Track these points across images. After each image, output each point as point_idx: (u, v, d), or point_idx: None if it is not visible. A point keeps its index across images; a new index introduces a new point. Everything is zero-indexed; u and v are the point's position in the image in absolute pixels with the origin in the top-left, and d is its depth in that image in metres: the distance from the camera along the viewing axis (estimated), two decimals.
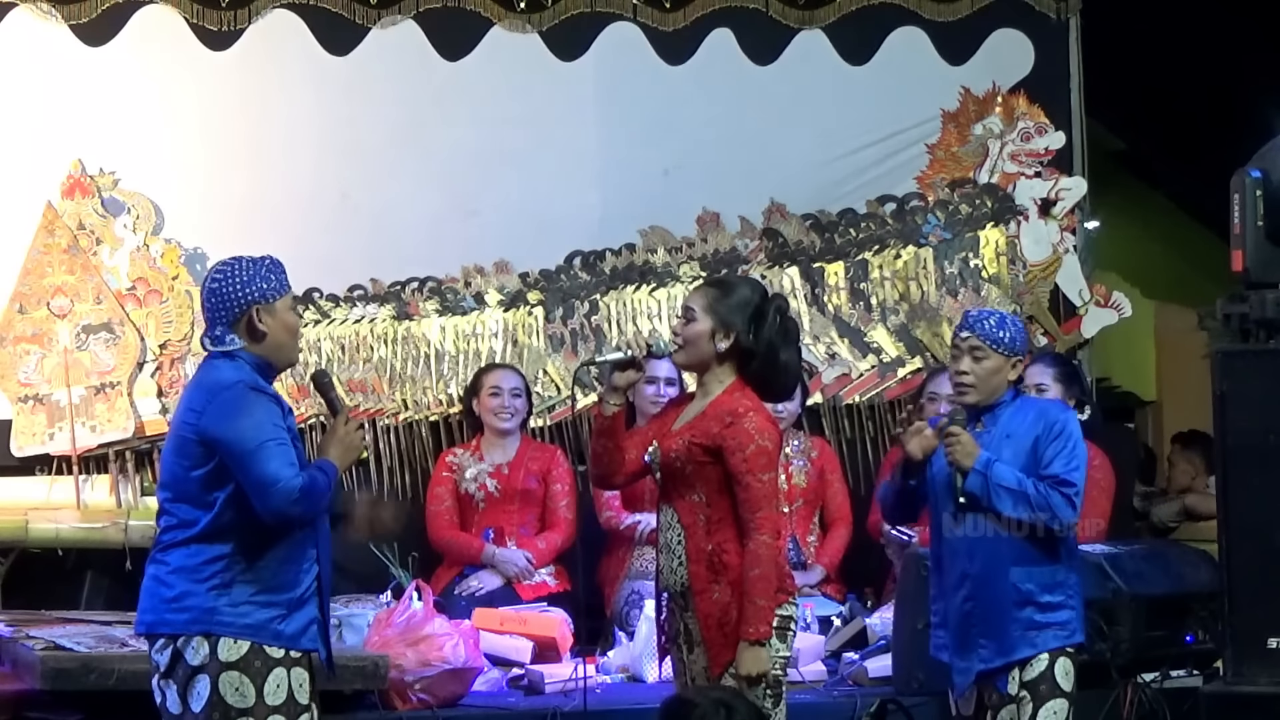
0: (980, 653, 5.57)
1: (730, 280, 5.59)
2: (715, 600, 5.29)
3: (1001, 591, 5.53)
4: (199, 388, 5.04)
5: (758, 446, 5.26)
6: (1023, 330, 5.66)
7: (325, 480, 5.00)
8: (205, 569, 4.93)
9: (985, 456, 5.50)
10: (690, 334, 5.39)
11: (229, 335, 5.03)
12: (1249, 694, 6.10)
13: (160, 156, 8.33)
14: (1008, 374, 5.59)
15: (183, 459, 4.97)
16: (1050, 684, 5.52)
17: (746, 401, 5.34)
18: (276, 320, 5.05)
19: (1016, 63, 8.76)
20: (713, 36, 8.66)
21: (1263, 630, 6.11)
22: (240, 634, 4.91)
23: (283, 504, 4.88)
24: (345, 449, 5.12)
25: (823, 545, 7.98)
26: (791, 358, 5.46)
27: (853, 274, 8.65)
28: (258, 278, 5.05)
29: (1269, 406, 6.18)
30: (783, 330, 5.41)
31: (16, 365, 8.11)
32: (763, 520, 5.25)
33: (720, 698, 4.82)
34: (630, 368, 5.45)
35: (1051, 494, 5.48)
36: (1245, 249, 6.24)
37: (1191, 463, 9.94)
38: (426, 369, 8.42)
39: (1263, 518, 6.15)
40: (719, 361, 5.38)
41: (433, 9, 8.50)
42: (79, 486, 8.06)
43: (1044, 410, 5.65)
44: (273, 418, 4.96)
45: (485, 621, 7.15)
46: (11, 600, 7.74)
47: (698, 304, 5.41)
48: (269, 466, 4.88)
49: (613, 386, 5.43)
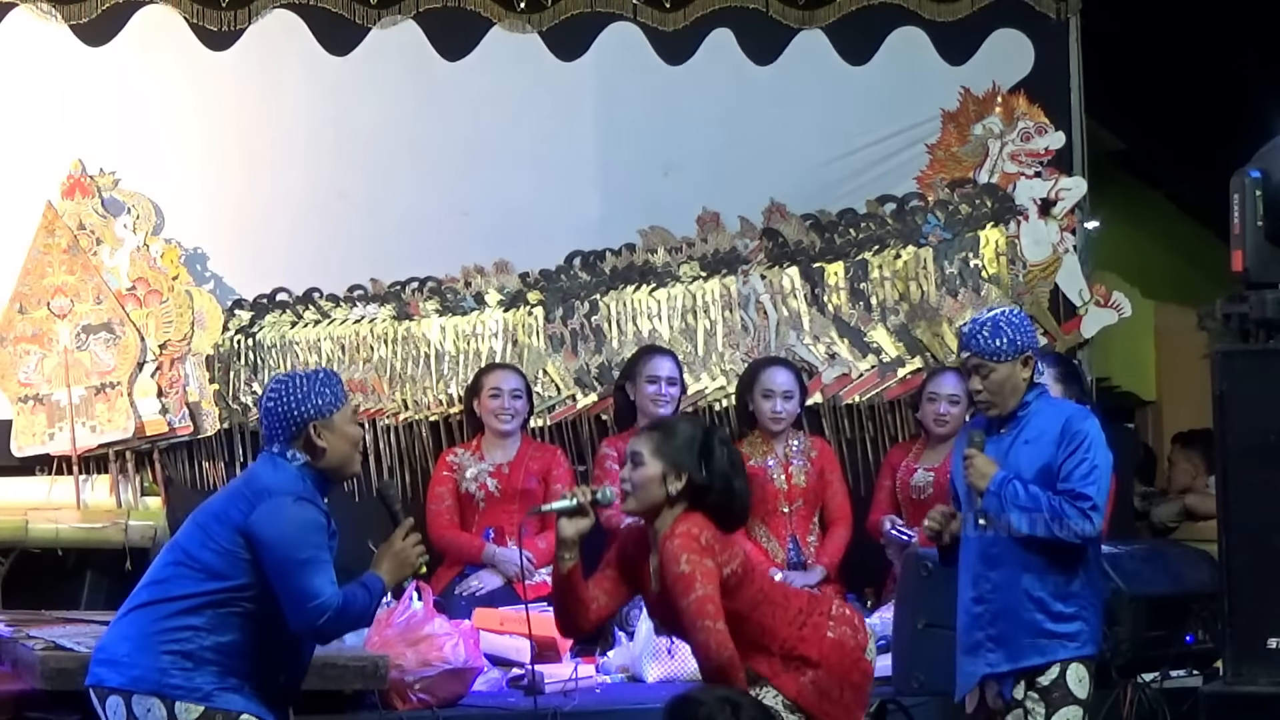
0: (987, 656, 5.56)
1: (669, 422, 5.50)
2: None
3: (1014, 597, 5.53)
4: (252, 480, 4.98)
5: (674, 575, 5.18)
6: (1022, 324, 5.63)
7: (366, 599, 4.96)
8: (167, 634, 4.87)
9: (1000, 476, 5.51)
10: (641, 479, 5.29)
11: (289, 451, 4.97)
12: (1249, 694, 6.09)
13: (160, 156, 8.33)
14: (1020, 374, 5.59)
15: (217, 537, 4.90)
16: (1063, 691, 5.51)
17: (673, 534, 5.24)
18: (336, 435, 4.98)
19: (1016, 63, 8.76)
20: (713, 36, 8.66)
21: (1263, 630, 6.10)
22: (190, 698, 4.85)
23: (316, 620, 4.84)
24: (399, 564, 5.06)
25: (823, 545, 7.98)
26: (743, 485, 5.39)
27: (853, 274, 8.65)
28: (313, 394, 4.96)
29: (1269, 406, 6.17)
30: (731, 460, 5.36)
31: (16, 365, 8.10)
32: (705, 642, 5.15)
33: (726, 695, 4.81)
34: (577, 515, 5.31)
35: (1066, 508, 5.48)
36: (1245, 249, 6.24)
37: (1192, 463, 9.94)
38: (426, 369, 8.42)
39: (1263, 518, 6.14)
40: (670, 505, 5.29)
41: (433, 9, 8.50)
42: (79, 486, 8.06)
43: (1067, 419, 5.61)
44: (320, 532, 4.91)
45: (485, 621, 7.15)
46: (11, 600, 7.73)
47: (645, 448, 5.31)
48: (311, 581, 4.83)
49: (561, 539, 5.31)
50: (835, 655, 5.32)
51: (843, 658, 5.33)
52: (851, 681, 5.35)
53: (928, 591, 6.74)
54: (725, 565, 5.23)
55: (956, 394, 7.89)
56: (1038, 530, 5.48)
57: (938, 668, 6.60)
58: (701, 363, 8.49)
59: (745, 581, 5.29)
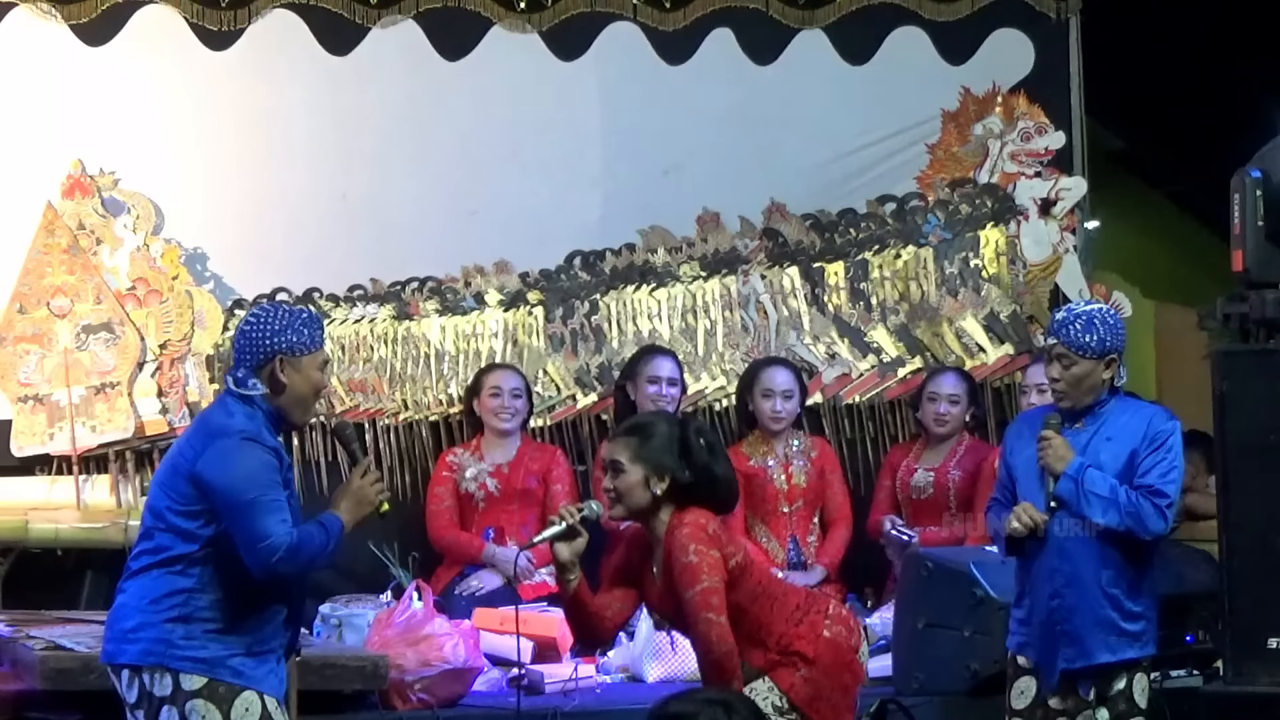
0: (1065, 651, 5.53)
1: (643, 422, 5.48)
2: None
3: (1090, 593, 5.51)
4: (202, 428, 4.99)
5: (681, 565, 5.18)
6: (1116, 326, 5.60)
7: (323, 537, 4.92)
8: (164, 600, 4.87)
9: (1079, 462, 5.49)
10: (624, 486, 5.27)
11: (251, 379, 4.96)
12: (1249, 694, 6.09)
13: (160, 156, 8.33)
14: (1101, 374, 5.57)
15: (172, 493, 4.92)
16: (1129, 703, 5.51)
17: (675, 523, 5.24)
18: (301, 375, 4.97)
19: (1016, 63, 8.76)
20: (713, 36, 8.66)
21: (1263, 630, 6.11)
22: (195, 669, 4.84)
23: (269, 560, 4.81)
24: (357, 502, 5.03)
25: (823, 545, 7.97)
26: (726, 470, 5.39)
27: (853, 274, 8.65)
28: (290, 329, 4.96)
29: (1269, 406, 6.18)
30: (709, 449, 5.34)
31: (16, 365, 8.10)
32: (705, 632, 5.15)
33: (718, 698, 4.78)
34: (569, 538, 5.29)
35: (1143, 503, 5.47)
36: (1245, 249, 6.24)
37: (1192, 463, 9.90)
38: (426, 369, 8.42)
39: (1263, 518, 6.14)
40: (656, 506, 5.28)
41: (433, 9, 8.50)
42: (79, 486, 8.06)
43: (1150, 418, 5.62)
44: (269, 471, 4.88)
45: (485, 621, 7.15)
46: (11, 600, 7.74)
47: (623, 455, 5.29)
48: (261, 522, 4.80)
49: (560, 563, 5.30)
50: (830, 654, 5.31)
51: (837, 658, 5.33)
52: (843, 683, 5.34)
53: (928, 591, 6.74)
54: (731, 557, 5.24)
55: (956, 394, 7.90)
56: (1112, 522, 5.46)
57: (938, 668, 6.61)
58: (701, 363, 8.49)
59: (746, 574, 5.29)
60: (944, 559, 6.78)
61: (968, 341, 8.57)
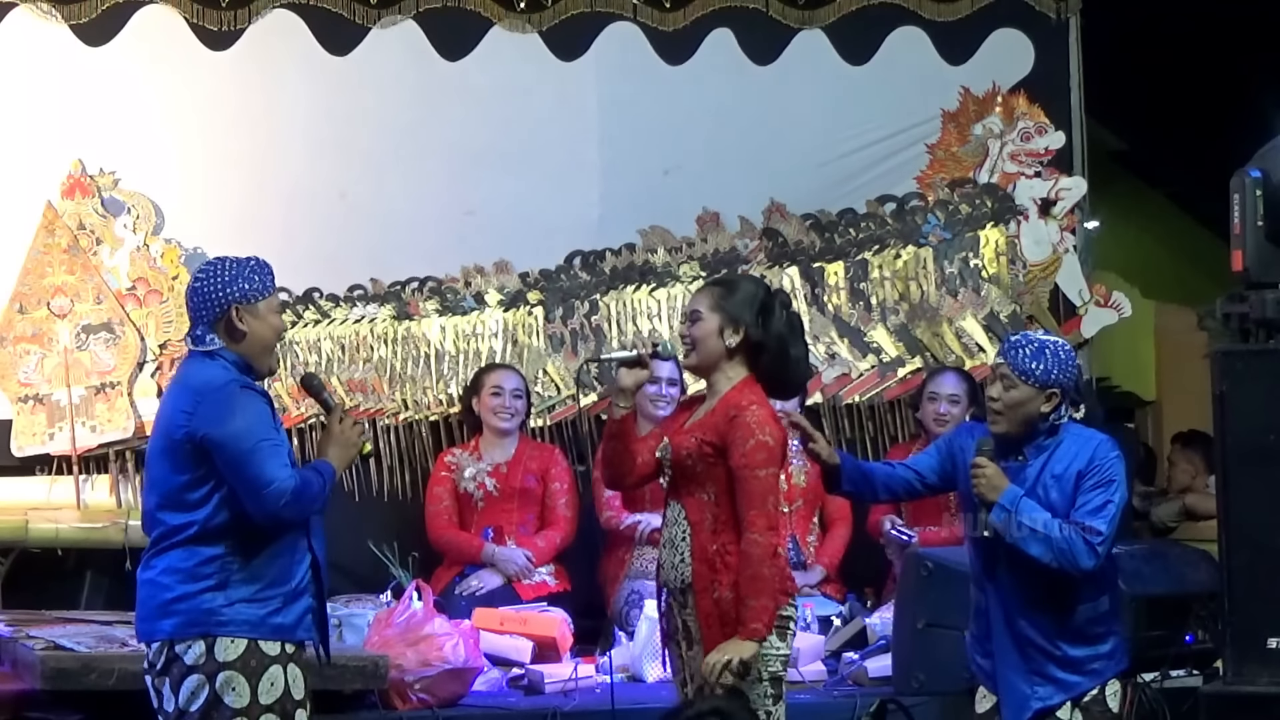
0: (1037, 690, 5.37)
1: (733, 278, 5.57)
2: (716, 599, 5.26)
3: (1014, 647, 5.38)
4: (185, 388, 5.02)
5: (757, 441, 5.23)
6: (1066, 361, 5.37)
7: (320, 482, 5.00)
8: (201, 569, 4.92)
9: (1013, 492, 5.31)
10: (699, 333, 5.36)
11: (209, 335, 5.02)
12: (1249, 694, 6.09)
13: (160, 156, 8.33)
14: (1039, 406, 5.35)
15: (173, 462, 4.95)
16: (1103, 707, 5.44)
17: (751, 396, 5.32)
18: (259, 321, 5.04)
19: (1016, 63, 8.76)
20: (713, 36, 8.66)
21: (1262, 630, 6.10)
22: (238, 632, 4.90)
23: (275, 506, 4.88)
24: (343, 447, 5.12)
25: (822, 545, 7.98)
26: (800, 352, 5.44)
27: (853, 274, 8.65)
28: (240, 278, 5.03)
29: (1269, 406, 6.17)
30: (789, 324, 5.39)
31: (16, 365, 8.11)
32: (755, 518, 5.20)
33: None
34: (637, 366, 5.44)
35: (1075, 539, 5.27)
36: (1245, 249, 6.24)
37: (1191, 463, 9.95)
38: (426, 369, 8.42)
39: (1263, 518, 6.13)
40: (729, 358, 5.35)
41: (433, 9, 8.50)
42: (79, 486, 8.06)
43: (1094, 449, 5.40)
44: (264, 417, 4.96)
45: (485, 621, 7.16)
46: (11, 600, 7.74)
47: (703, 304, 5.39)
48: (264, 468, 4.87)
49: (620, 388, 5.43)
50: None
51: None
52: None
53: (928, 591, 6.75)
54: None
55: (956, 394, 7.90)
56: (1045, 557, 5.27)
57: (938, 668, 6.61)
58: None
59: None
60: (944, 559, 6.78)
61: (968, 341, 8.57)
